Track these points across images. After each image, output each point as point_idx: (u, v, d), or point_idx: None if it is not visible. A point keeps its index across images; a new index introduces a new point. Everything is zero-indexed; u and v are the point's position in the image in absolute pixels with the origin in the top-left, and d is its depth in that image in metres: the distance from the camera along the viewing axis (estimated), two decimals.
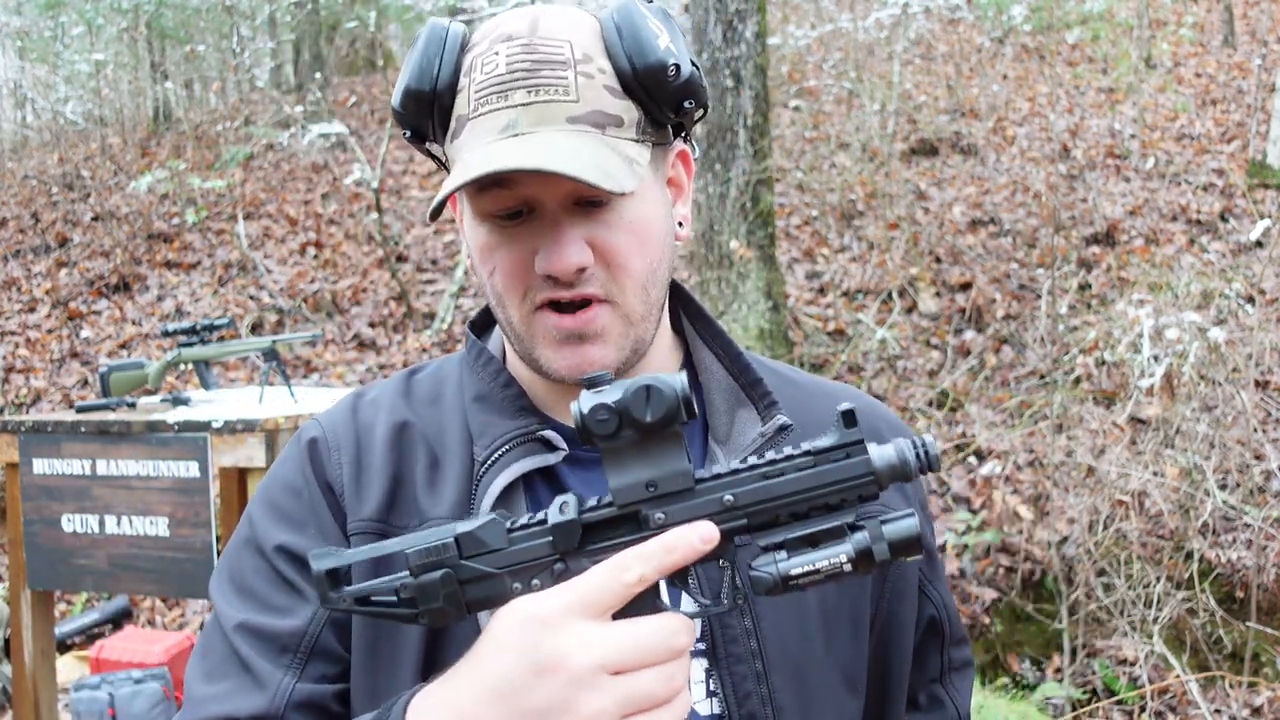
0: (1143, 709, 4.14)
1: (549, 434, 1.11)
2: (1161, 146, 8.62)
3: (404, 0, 11.38)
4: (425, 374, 1.22)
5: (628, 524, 0.87)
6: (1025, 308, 6.64)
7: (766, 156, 6.37)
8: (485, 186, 1.02)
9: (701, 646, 1.07)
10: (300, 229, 9.26)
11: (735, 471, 0.87)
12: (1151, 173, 8.17)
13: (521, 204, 1.03)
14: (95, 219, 9.63)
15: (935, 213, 7.77)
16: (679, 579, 0.89)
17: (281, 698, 1.06)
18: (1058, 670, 4.55)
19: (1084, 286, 6.73)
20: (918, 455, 0.85)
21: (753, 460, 0.87)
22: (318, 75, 12.32)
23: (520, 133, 1.00)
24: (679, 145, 1.15)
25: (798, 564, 0.84)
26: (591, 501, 0.89)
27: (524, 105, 1.01)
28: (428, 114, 1.06)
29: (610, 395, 0.85)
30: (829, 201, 8.05)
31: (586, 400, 0.85)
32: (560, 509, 0.88)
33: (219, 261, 8.76)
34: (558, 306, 1.05)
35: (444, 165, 1.13)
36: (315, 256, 8.79)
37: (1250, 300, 5.78)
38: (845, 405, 0.85)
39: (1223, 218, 7.46)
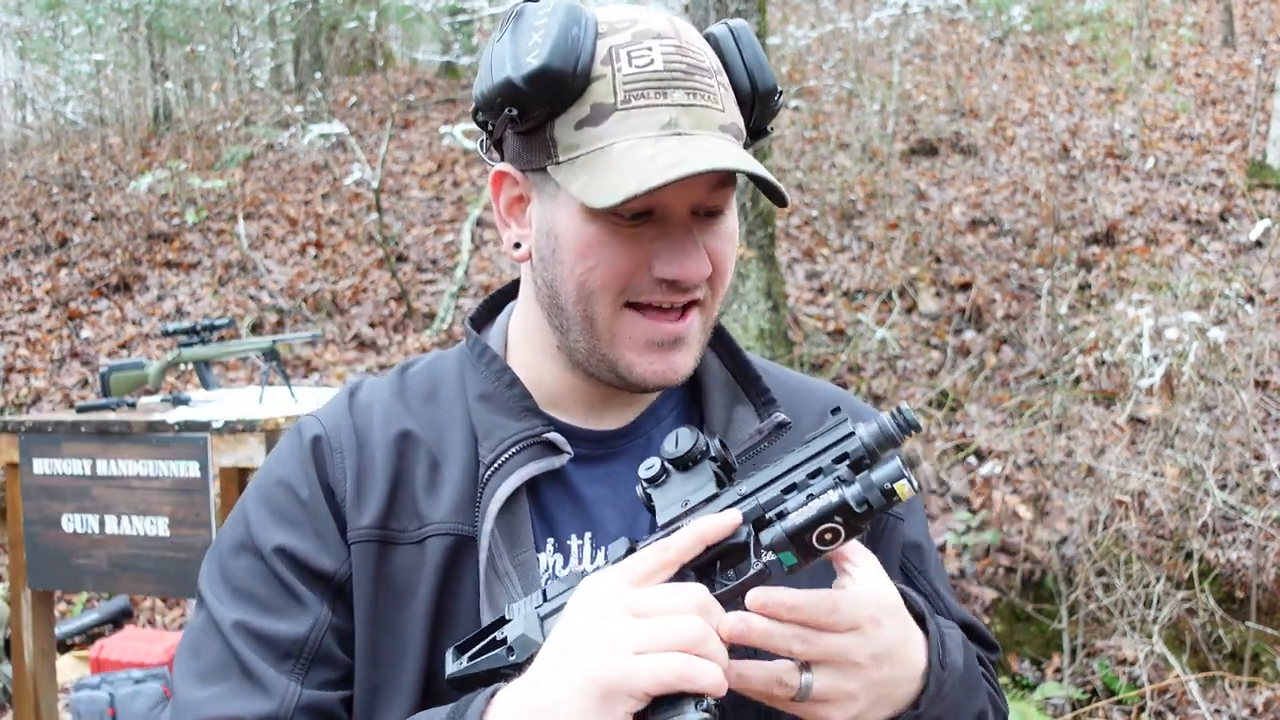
0: (1142, 709, 4.14)
1: (554, 437, 1.10)
2: (1161, 146, 8.62)
3: (404, 0, 11.39)
4: (418, 369, 1.22)
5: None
6: (1025, 308, 6.64)
7: (766, 156, 6.37)
8: None
9: None
10: (300, 229, 9.26)
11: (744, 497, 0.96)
12: (1151, 173, 8.17)
13: (653, 207, 1.02)
14: (95, 219, 9.63)
15: (935, 213, 7.77)
16: (704, 577, 0.94)
17: (290, 702, 1.04)
18: (1057, 670, 4.55)
19: (1084, 286, 6.73)
20: (896, 421, 0.92)
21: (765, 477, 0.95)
22: (318, 75, 12.32)
23: (681, 132, 1.00)
24: None
25: (794, 513, 0.90)
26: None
27: (684, 106, 1.01)
28: (554, 95, 1.01)
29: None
30: (829, 201, 8.06)
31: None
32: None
33: (219, 261, 8.76)
34: (648, 311, 1.06)
35: (494, 145, 1.12)
36: (315, 256, 8.79)
37: (1250, 300, 5.78)
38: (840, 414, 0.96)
39: (1222, 218, 7.46)
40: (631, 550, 0.95)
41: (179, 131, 11.92)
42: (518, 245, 1.12)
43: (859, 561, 0.99)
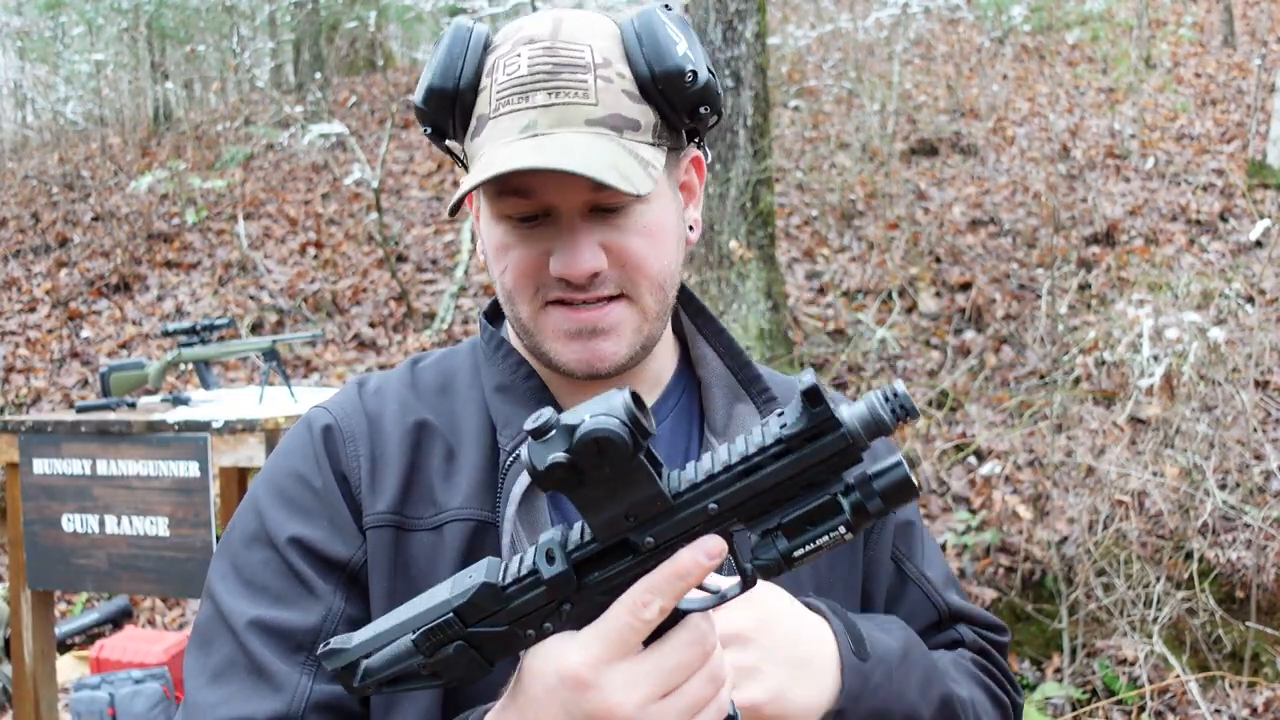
0: (1142, 709, 4.14)
1: None
2: (1161, 146, 8.62)
3: (404, 0, 11.38)
4: (429, 363, 1.23)
5: (619, 552, 0.85)
6: (1025, 308, 6.64)
7: (766, 156, 6.37)
8: (504, 192, 1.04)
9: None
10: (300, 229, 9.26)
11: (711, 478, 0.83)
12: (1151, 173, 8.17)
13: (539, 209, 1.05)
14: (95, 219, 9.63)
15: (935, 213, 7.77)
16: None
17: (300, 700, 1.03)
18: (1057, 670, 4.55)
19: (1084, 286, 6.73)
20: (890, 406, 0.81)
21: (725, 459, 0.83)
22: (318, 75, 12.32)
23: (539, 133, 1.02)
24: (693, 150, 1.16)
25: (798, 544, 0.83)
26: (575, 537, 0.86)
27: (544, 106, 1.02)
28: (449, 112, 1.08)
29: (558, 446, 0.80)
30: (829, 201, 8.05)
31: (538, 454, 0.81)
32: (547, 557, 0.85)
33: (219, 261, 8.76)
34: (566, 304, 1.07)
35: (462, 162, 1.14)
36: (315, 256, 8.79)
37: (1250, 300, 5.78)
38: (807, 382, 0.80)
39: (1222, 218, 7.46)
40: (572, 553, 0.86)
41: (179, 131, 11.92)
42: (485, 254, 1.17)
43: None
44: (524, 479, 1.07)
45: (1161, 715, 4.13)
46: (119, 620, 5.53)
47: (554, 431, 0.81)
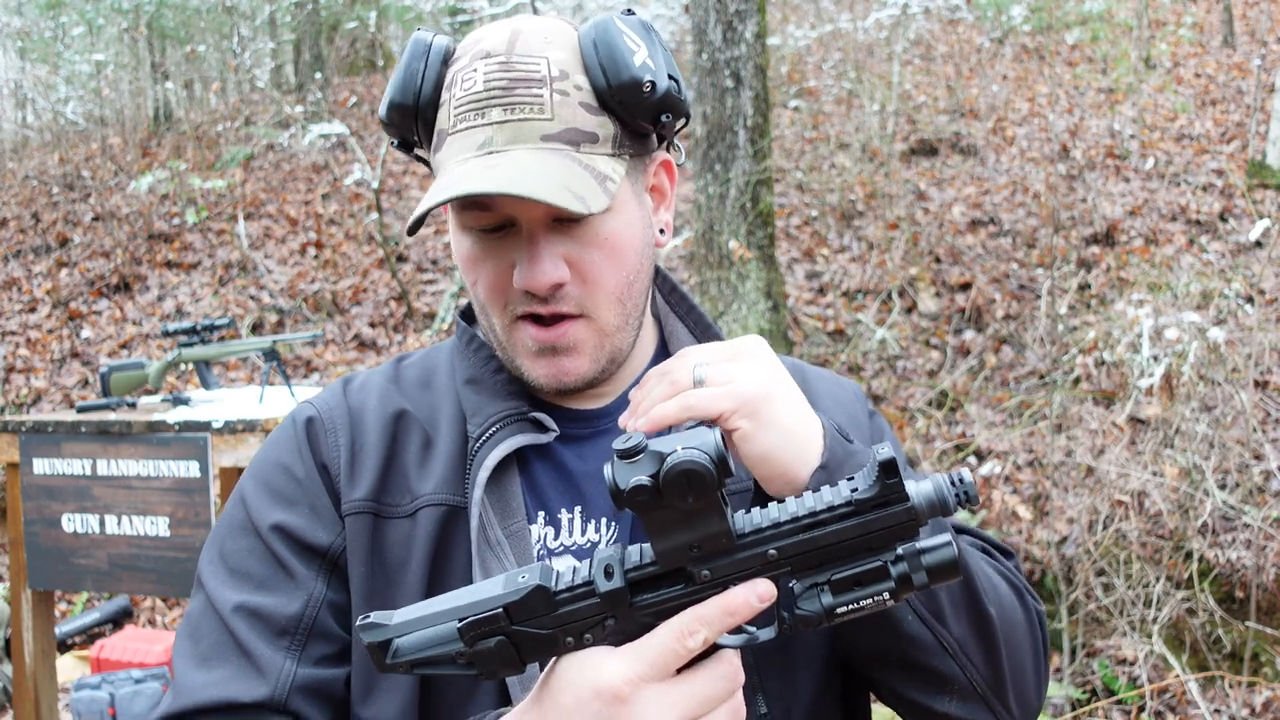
0: (1142, 709, 4.14)
1: (540, 415, 1.14)
2: (1161, 147, 8.62)
3: (404, 0, 11.39)
4: (413, 360, 1.26)
5: (673, 578, 0.88)
6: (1025, 308, 6.64)
7: (766, 157, 6.37)
8: (467, 205, 1.05)
9: None
10: (300, 229, 9.26)
11: (777, 525, 0.87)
12: (1151, 173, 8.17)
13: (503, 220, 1.06)
14: (96, 219, 9.63)
15: (935, 213, 7.77)
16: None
17: (285, 683, 1.06)
18: (1057, 670, 4.55)
19: (1084, 286, 6.73)
20: (956, 493, 0.86)
21: (794, 510, 0.87)
22: (318, 75, 12.33)
23: (494, 150, 1.02)
24: (661, 154, 1.16)
25: (842, 601, 0.87)
26: (634, 557, 0.89)
27: (499, 123, 1.03)
28: (411, 126, 1.10)
29: (645, 470, 0.83)
30: (829, 201, 8.06)
31: (622, 474, 0.83)
32: (605, 572, 0.88)
33: (219, 261, 8.77)
34: (535, 319, 1.09)
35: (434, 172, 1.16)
36: (315, 256, 8.79)
37: (1250, 300, 5.78)
38: (885, 454, 0.84)
39: (1222, 218, 7.46)
40: (630, 572, 0.88)
41: (179, 131, 11.92)
42: None
43: None
44: (489, 464, 1.08)
45: (1161, 715, 4.13)
46: (119, 620, 5.53)
47: (642, 455, 0.83)
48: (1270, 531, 4.44)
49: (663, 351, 1.25)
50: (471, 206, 1.05)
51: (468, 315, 1.26)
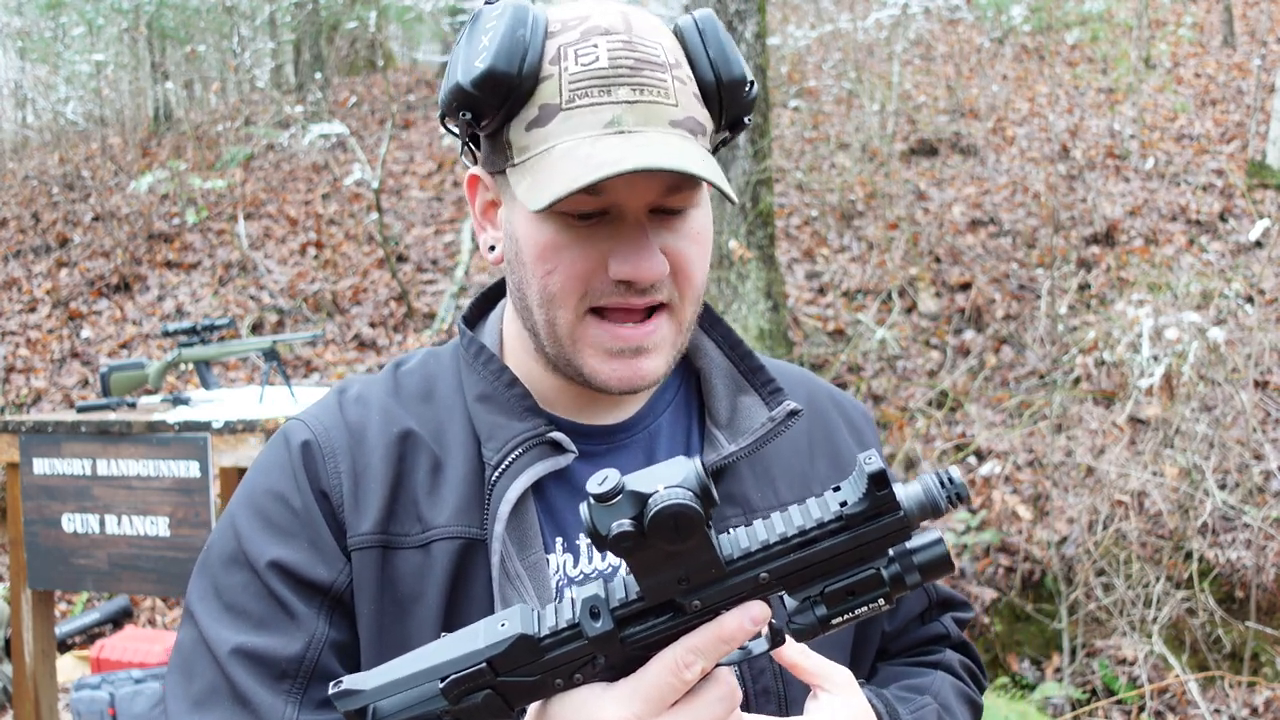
0: (1142, 709, 4.14)
1: (558, 436, 1.08)
2: (1161, 147, 8.62)
3: (404, 0, 11.39)
4: (411, 367, 1.19)
5: (662, 609, 0.85)
6: (1025, 308, 6.64)
7: (766, 157, 6.37)
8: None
9: None
10: (300, 229, 9.26)
11: (766, 548, 0.84)
12: (1151, 173, 8.17)
13: (603, 207, 1.00)
14: (96, 219, 9.63)
15: (935, 213, 7.77)
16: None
17: None
18: (1057, 670, 4.55)
19: (1084, 286, 6.73)
20: (947, 493, 0.84)
21: (782, 530, 0.84)
22: (318, 75, 12.32)
23: (625, 130, 0.97)
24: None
25: (837, 612, 0.86)
26: (618, 593, 0.85)
27: (629, 103, 0.98)
28: (503, 97, 1.00)
29: (625, 513, 0.79)
30: (829, 201, 8.06)
31: (602, 519, 0.79)
32: (591, 614, 0.84)
33: (219, 261, 8.77)
34: (611, 315, 1.03)
35: (472, 148, 1.09)
36: (315, 256, 8.79)
37: (1250, 300, 5.78)
38: (874, 466, 0.81)
39: (1222, 218, 7.46)
40: (617, 610, 0.85)
41: (179, 131, 11.92)
42: (492, 248, 1.12)
43: (833, 688, 0.99)
44: (510, 495, 1.04)
45: (1161, 715, 4.13)
46: (119, 620, 5.53)
47: (620, 497, 0.79)
48: (1270, 531, 4.44)
49: (683, 362, 1.20)
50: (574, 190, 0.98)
51: (470, 320, 1.21)
